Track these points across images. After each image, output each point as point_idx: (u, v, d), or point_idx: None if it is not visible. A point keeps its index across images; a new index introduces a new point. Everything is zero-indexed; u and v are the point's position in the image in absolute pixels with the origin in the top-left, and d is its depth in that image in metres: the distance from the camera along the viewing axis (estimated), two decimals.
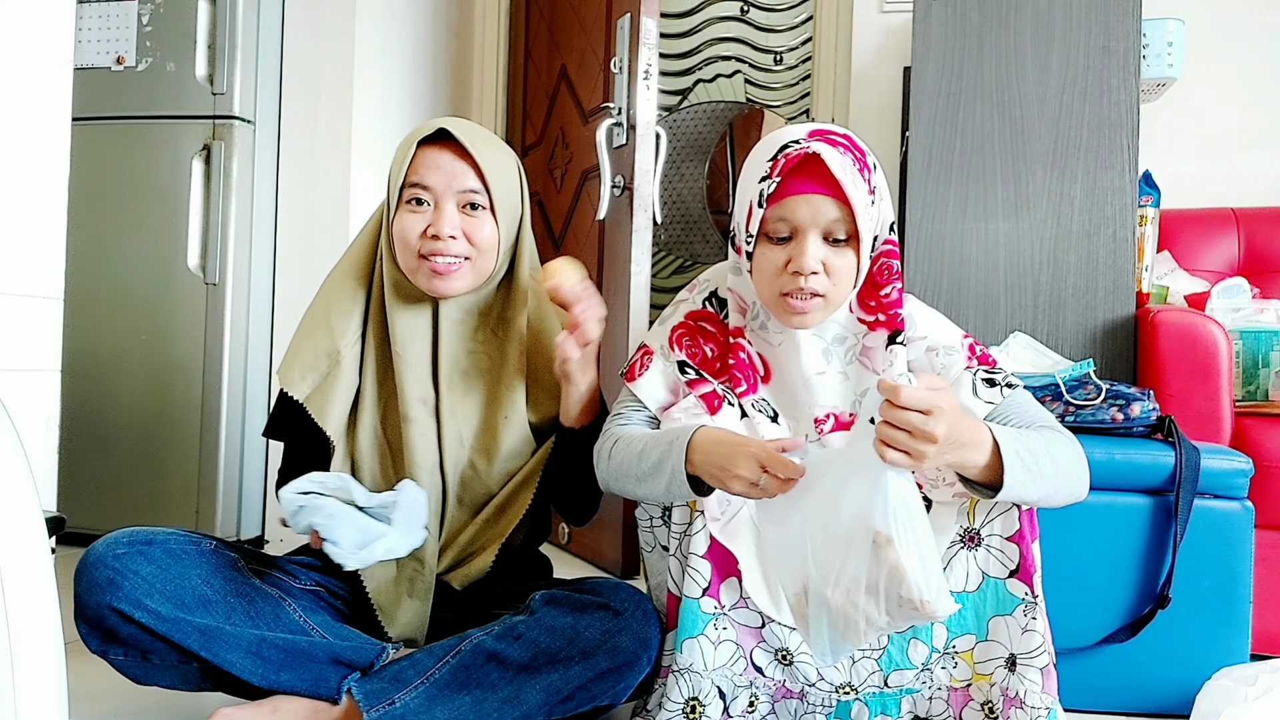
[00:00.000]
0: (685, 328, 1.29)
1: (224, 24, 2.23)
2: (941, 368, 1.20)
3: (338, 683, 1.14)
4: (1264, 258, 2.21)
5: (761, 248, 1.17)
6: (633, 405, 1.28)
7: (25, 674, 0.86)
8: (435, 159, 1.21)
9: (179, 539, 1.20)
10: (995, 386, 1.19)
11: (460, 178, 1.21)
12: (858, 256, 1.16)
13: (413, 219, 1.21)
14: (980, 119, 1.86)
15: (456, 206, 1.22)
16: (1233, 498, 1.46)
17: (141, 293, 2.26)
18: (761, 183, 1.15)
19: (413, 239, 1.21)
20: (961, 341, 1.22)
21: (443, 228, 1.20)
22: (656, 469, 1.13)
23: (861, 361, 1.22)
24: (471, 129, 1.24)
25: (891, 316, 1.20)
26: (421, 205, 1.22)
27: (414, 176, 1.21)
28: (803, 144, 1.13)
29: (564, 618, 1.14)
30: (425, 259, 1.21)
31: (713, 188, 4.02)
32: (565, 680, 1.12)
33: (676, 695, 1.17)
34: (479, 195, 1.22)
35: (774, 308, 1.19)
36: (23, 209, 1.42)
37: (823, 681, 1.19)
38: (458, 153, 1.21)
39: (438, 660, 1.14)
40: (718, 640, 1.18)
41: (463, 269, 1.22)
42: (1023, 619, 1.14)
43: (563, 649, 1.12)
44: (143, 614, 1.11)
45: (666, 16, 3.90)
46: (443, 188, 1.21)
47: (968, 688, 1.18)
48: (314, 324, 1.28)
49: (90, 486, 2.23)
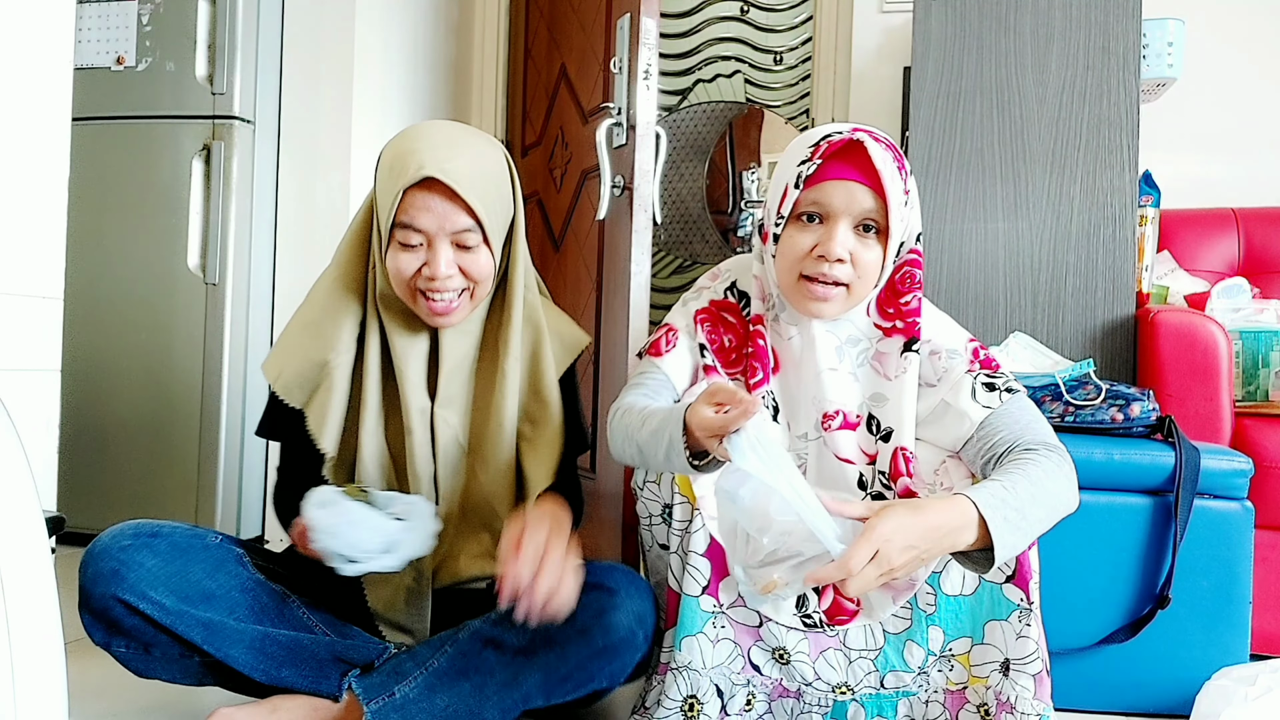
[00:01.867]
0: (708, 313, 1.29)
1: (224, 24, 2.23)
2: (943, 371, 1.20)
3: (339, 680, 1.14)
4: (1264, 258, 2.21)
5: (790, 230, 1.17)
6: (654, 378, 1.26)
7: (25, 674, 0.86)
8: (425, 201, 1.15)
9: (184, 532, 1.20)
10: (994, 391, 1.19)
11: (452, 218, 1.15)
12: (884, 253, 1.16)
13: (406, 258, 1.17)
14: (980, 119, 1.87)
15: (450, 245, 1.17)
16: (1232, 498, 1.46)
17: (141, 293, 2.25)
18: (800, 165, 1.15)
19: (407, 277, 1.18)
20: (966, 345, 1.23)
21: (439, 269, 1.16)
22: (655, 436, 1.10)
23: (873, 366, 1.22)
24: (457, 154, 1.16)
25: (909, 325, 1.20)
26: (414, 246, 1.17)
27: (404, 217, 1.16)
28: (846, 134, 1.14)
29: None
30: (423, 294, 1.18)
31: (713, 188, 4.02)
32: (562, 659, 1.12)
33: (675, 693, 1.17)
34: (472, 233, 1.17)
35: (793, 293, 1.19)
36: (23, 209, 1.42)
37: (819, 681, 1.19)
38: (447, 194, 1.14)
39: (435, 650, 1.15)
40: (716, 638, 1.18)
41: (462, 303, 1.20)
42: (1017, 625, 1.14)
43: (559, 630, 1.12)
44: (147, 605, 1.11)
45: (666, 16, 3.91)
46: (435, 229, 1.16)
47: (964, 690, 1.18)
48: (305, 330, 1.25)
49: (90, 486, 2.23)
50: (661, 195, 2.52)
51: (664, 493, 1.23)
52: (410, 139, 1.18)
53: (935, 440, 1.22)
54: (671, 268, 4.08)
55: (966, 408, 1.18)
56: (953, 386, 1.19)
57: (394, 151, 1.18)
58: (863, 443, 1.22)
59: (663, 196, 3.43)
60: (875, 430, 1.21)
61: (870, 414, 1.22)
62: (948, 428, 1.20)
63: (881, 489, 1.19)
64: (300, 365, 1.24)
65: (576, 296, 2.48)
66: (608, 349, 2.28)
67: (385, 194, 1.18)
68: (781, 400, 1.25)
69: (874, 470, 1.20)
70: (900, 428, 1.19)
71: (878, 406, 1.21)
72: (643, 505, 1.28)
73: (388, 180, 1.17)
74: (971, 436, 1.18)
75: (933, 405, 1.21)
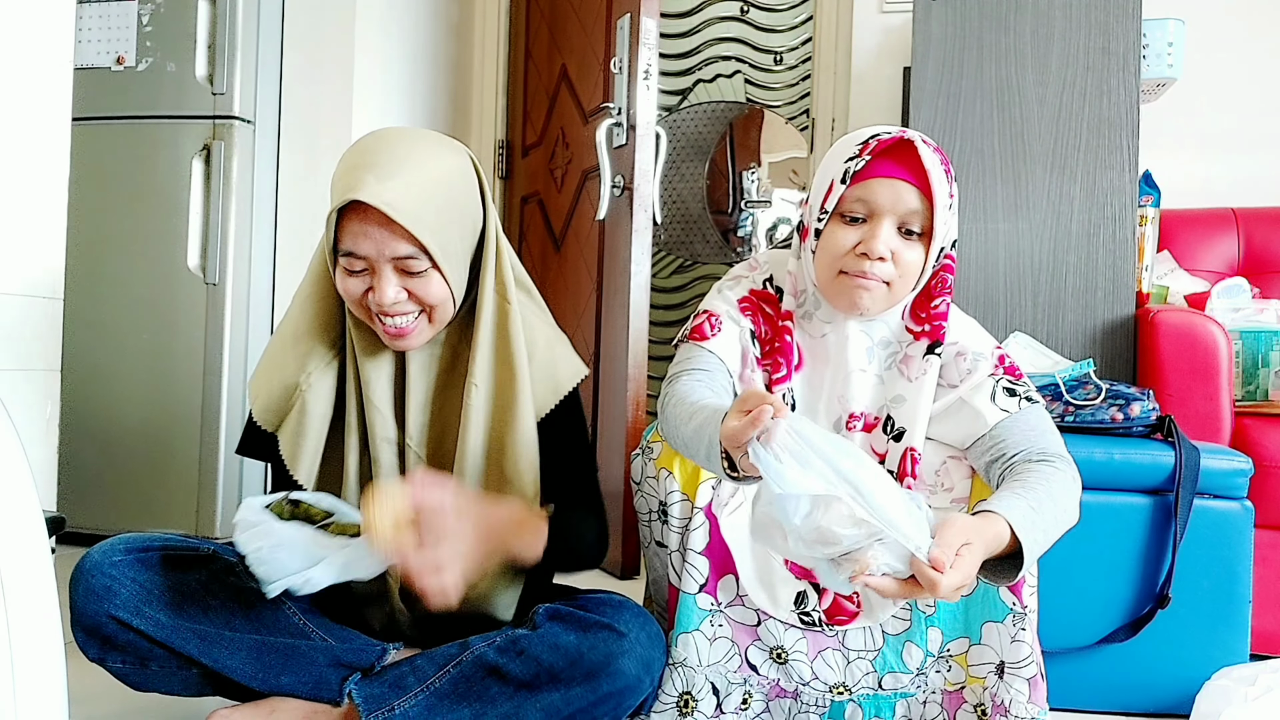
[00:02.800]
0: (750, 302, 1.27)
1: (224, 24, 2.23)
2: (966, 373, 1.20)
3: (338, 684, 1.14)
4: (1264, 258, 2.21)
5: (832, 226, 1.17)
6: (705, 360, 1.22)
7: (25, 674, 0.86)
8: (361, 227, 1.07)
9: (176, 543, 1.19)
10: (1014, 397, 1.19)
11: (391, 245, 1.07)
12: (926, 255, 1.16)
13: (353, 282, 1.11)
14: (980, 119, 1.86)
15: (393, 271, 1.09)
16: (1232, 498, 1.46)
17: (141, 293, 2.25)
18: (848, 162, 1.15)
19: (356, 299, 1.12)
20: (992, 350, 1.23)
21: (385, 298, 1.09)
22: (696, 435, 1.06)
23: (899, 368, 1.22)
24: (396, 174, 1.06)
25: (936, 328, 1.20)
26: (358, 271, 1.11)
27: (344, 244, 1.09)
28: (896, 133, 1.14)
29: (568, 635, 1.12)
30: (377, 318, 1.12)
31: (713, 188, 4.02)
32: (566, 701, 1.10)
33: (670, 689, 1.17)
34: (416, 260, 1.09)
35: (831, 289, 1.18)
36: (23, 209, 1.42)
37: (817, 681, 1.19)
38: (383, 220, 1.05)
39: (438, 669, 1.13)
40: (713, 636, 1.18)
41: (419, 326, 1.14)
42: (1011, 628, 1.15)
43: (565, 669, 1.10)
44: (142, 621, 1.10)
45: (666, 16, 3.90)
46: (375, 255, 1.08)
47: (961, 690, 1.18)
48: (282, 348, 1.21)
49: (90, 486, 2.23)
50: (661, 195, 2.52)
51: (661, 489, 1.23)
52: (355, 154, 1.11)
53: (945, 437, 1.22)
54: (671, 268, 4.08)
55: (983, 408, 1.18)
56: (974, 388, 1.19)
57: (341, 166, 1.11)
58: (875, 443, 1.22)
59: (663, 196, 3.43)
60: (889, 430, 1.21)
61: (888, 415, 1.22)
62: (960, 424, 1.20)
63: None
64: (271, 388, 1.20)
65: (577, 296, 2.48)
66: (608, 348, 2.28)
67: (328, 217, 1.11)
68: (802, 397, 1.24)
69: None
70: (913, 428, 1.19)
71: (896, 407, 1.21)
72: (641, 500, 1.28)
73: (331, 198, 1.10)
74: (983, 436, 1.18)
75: (949, 403, 1.20)
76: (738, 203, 4.00)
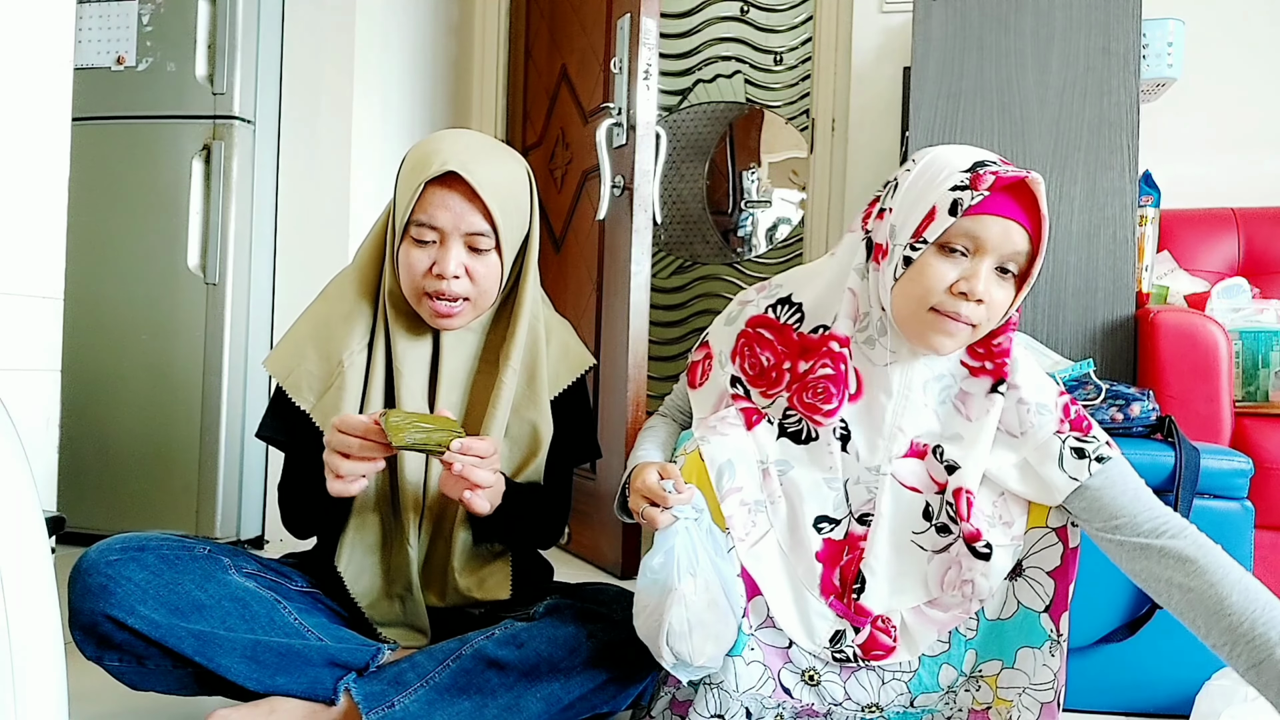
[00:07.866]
0: (745, 336, 1.24)
1: (224, 24, 2.23)
2: (1030, 426, 1.14)
3: (334, 684, 1.14)
4: (1264, 258, 2.21)
5: (930, 258, 1.09)
6: (682, 404, 1.33)
7: (25, 674, 0.86)
8: (444, 199, 1.17)
9: (172, 544, 1.19)
10: (1084, 459, 1.12)
11: (468, 219, 1.17)
12: (1015, 297, 1.11)
13: (418, 254, 1.19)
14: (980, 119, 1.86)
15: (463, 246, 1.19)
16: (1232, 498, 1.46)
17: (141, 293, 2.26)
18: (956, 190, 1.08)
19: (417, 274, 1.19)
20: (1056, 400, 1.16)
21: (448, 267, 1.17)
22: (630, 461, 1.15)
23: (955, 404, 1.17)
24: (481, 159, 1.19)
25: (999, 365, 1.15)
26: (427, 242, 1.19)
27: (420, 214, 1.18)
28: (1015, 172, 1.08)
29: (567, 627, 1.13)
30: (429, 296, 1.19)
31: (713, 188, 4.02)
32: (567, 690, 1.11)
33: (703, 708, 1.15)
34: (485, 238, 1.19)
35: (914, 322, 1.12)
36: (23, 209, 1.42)
37: (849, 701, 1.17)
38: (467, 194, 1.17)
39: (437, 664, 1.14)
40: (748, 660, 1.16)
41: (464, 309, 1.21)
42: (1045, 655, 1.14)
43: (565, 658, 1.11)
44: (137, 620, 1.10)
45: (666, 16, 3.91)
46: (450, 228, 1.17)
47: (986, 710, 1.18)
48: (317, 328, 1.26)
49: (90, 486, 2.23)
50: (661, 195, 2.52)
51: None
52: (437, 140, 1.21)
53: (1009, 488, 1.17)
54: (672, 268, 4.08)
55: (1053, 478, 1.12)
56: (1038, 449, 1.14)
57: (419, 151, 1.21)
58: (931, 469, 1.17)
59: (663, 197, 3.43)
60: (940, 458, 1.16)
61: (938, 444, 1.17)
62: (1027, 488, 1.15)
63: (947, 520, 1.15)
64: (312, 363, 1.24)
65: (577, 297, 2.48)
66: (608, 348, 2.28)
67: (405, 189, 1.19)
68: (858, 427, 1.18)
69: (941, 500, 1.16)
70: (967, 467, 1.14)
71: (951, 443, 1.16)
72: None
73: (409, 176, 1.20)
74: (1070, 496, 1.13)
75: (1016, 463, 1.16)
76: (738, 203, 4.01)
